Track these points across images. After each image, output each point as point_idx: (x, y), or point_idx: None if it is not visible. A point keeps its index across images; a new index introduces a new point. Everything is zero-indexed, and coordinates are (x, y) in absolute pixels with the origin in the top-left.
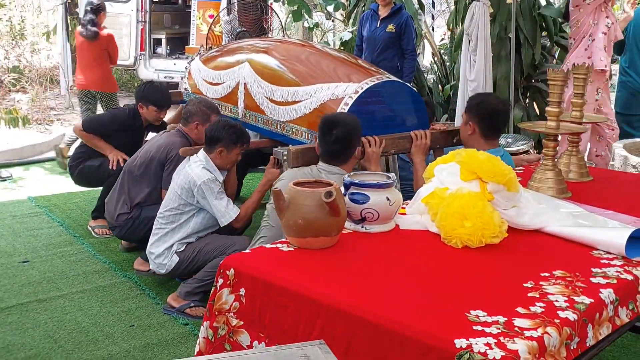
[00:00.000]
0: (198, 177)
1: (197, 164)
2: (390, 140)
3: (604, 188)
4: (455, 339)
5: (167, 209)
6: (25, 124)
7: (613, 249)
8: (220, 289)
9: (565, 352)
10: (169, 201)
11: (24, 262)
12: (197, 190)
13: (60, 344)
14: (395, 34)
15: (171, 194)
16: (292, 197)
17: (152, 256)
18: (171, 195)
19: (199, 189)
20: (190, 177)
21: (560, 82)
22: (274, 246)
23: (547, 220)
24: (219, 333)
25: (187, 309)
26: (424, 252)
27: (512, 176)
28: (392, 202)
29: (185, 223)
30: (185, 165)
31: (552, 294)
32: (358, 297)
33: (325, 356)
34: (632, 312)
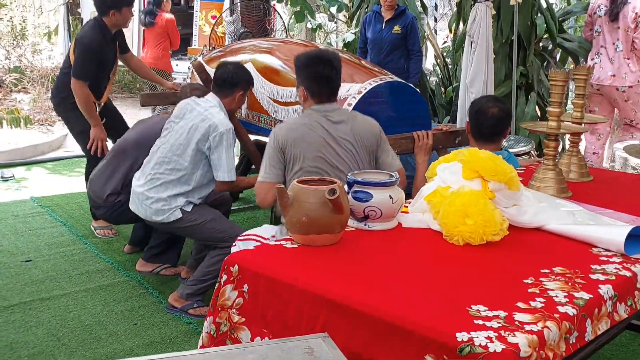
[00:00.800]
0: (221, 124)
1: (215, 108)
2: (393, 140)
3: (604, 188)
4: (457, 332)
5: (176, 153)
6: (27, 124)
7: (612, 247)
8: (224, 284)
9: (565, 346)
10: (176, 145)
11: (27, 261)
12: (215, 137)
13: (63, 342)
14: (401, 35)
15: (179, 136)
16: (296, 194)
17: (149, 201)
18: (179, 137)
19: (219, 136)
20: (212, 122)
21: (562, 83)
22: (278, 243)
23: (547, 218)
24: (221, 329)
25: (190, 309)
26: (426, 249)
27: (514, 175)
28: (395, 201)
29: (191, 174)
30: (194, 106)
31: (551, 289)
32: (361, 293)
33: (328, 349)
34: (631, 308)
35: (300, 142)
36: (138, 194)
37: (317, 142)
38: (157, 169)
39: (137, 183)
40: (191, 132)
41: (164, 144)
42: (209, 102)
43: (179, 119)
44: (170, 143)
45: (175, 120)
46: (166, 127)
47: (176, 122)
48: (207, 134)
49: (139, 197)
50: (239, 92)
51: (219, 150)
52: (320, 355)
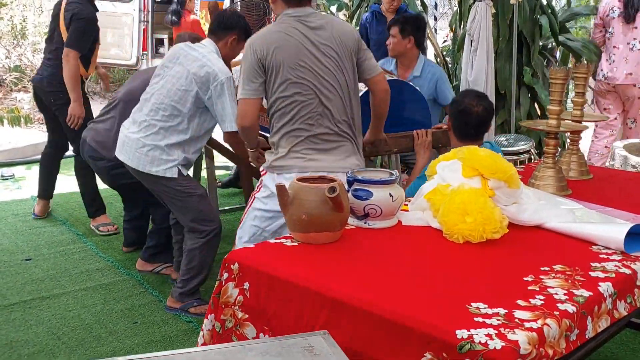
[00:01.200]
0: (221, 72)
1: (212, 54)
2: (393, 139)
3: (604, 186)
4: (457, 330)
5: (173, 99)
6: (27, 123)
7: (612, 244)
8: (225, 282)
9: (565, 344)
10: (174, 90)
11: (27, 260)
12: (217, 86)
13: (63, 341)
14: None
15: (175, 81)
16: (296, 192)
17: (146, 148)
18: (176, 82)
19: (220, 86)
20: (212, 69)
21: (561, 81)
22: (278, 241)
23: (547, 216)
24: (226, 325)
25: (191, 307)
26: (426, 247)
27: (513, 173)
28: (395, 199)
29: (189, 122)
30: (189, 51)
31: (551, 287)
32: (361, 290)
33: (329, 346)
34: (630, 306)
35: (280, 50)
36: (132, 141)
37: (297, 49)
38: (153, 116)
39: (129, 130)
40: (189, 79)
41: (159, 90)
42: (205, 47)
43: (173, 63)
44: (166, 89)
45: (168, 65)
46: (158, 74)
47: (170, 66)
48: (207, 83)
49: (133, 144)
50: (232, 37)
51: (222, 100)
52: (320, 353)
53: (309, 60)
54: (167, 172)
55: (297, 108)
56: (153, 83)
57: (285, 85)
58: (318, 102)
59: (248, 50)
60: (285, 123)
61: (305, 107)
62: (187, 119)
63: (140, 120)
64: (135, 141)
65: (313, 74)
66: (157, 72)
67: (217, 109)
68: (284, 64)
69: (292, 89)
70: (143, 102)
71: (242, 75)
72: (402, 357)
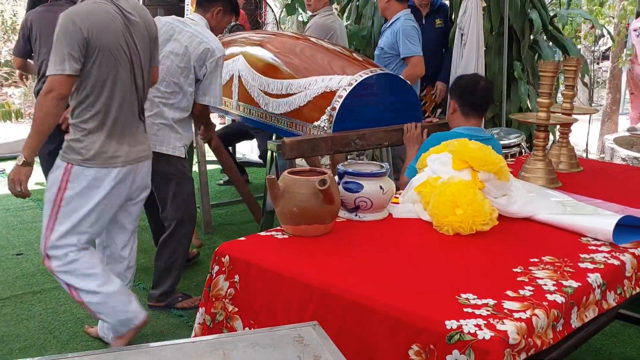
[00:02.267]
0: (217, 49)
1: (206, 31)
2: (384, 132)
3: (594, 178)
4: (446, 320)
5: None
6: (18, 117)
7: (601, 236)
8: (216, 275)
9: (552, 334)
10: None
11: (18, 254)
12: (212, 62)
13: (55, 335)
14: (443, 28)
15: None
16: (287, 185)
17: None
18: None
19: (215, 62)
20: (210, 46)
21: (551, 74)
22: (269, 234)
23: (537, 208)
24: (216, 319)
25: (177, 303)
26: (416, 239)
27: (503, 165)
28: (385, 191)
29: (188, 100)
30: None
31: (540, 278)
32: (351, 282)
33: (319, 337)
34: (620, 297)
35: (104, 34)
36: None
37: (117, 38)
38: (154, 93)
39: None
40: (187, 56)
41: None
42: (196, 23)
43: (167, 40)
44: (166, 65)
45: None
46: None
47: (163, 43)
48: (204, 59)
49: None
50: (217, 8)
51: (214, 75)
52: (310, 343)
53: (127, 52)
54: (175, 151)
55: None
56: None
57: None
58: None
59: (72, 23)
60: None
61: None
62: (188, 96)
63: None
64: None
65: (123, 68)
66: None
67: (205, 82)
68: (103, 51)
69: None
70: None
71: (62, 47)
72: (391, 348)
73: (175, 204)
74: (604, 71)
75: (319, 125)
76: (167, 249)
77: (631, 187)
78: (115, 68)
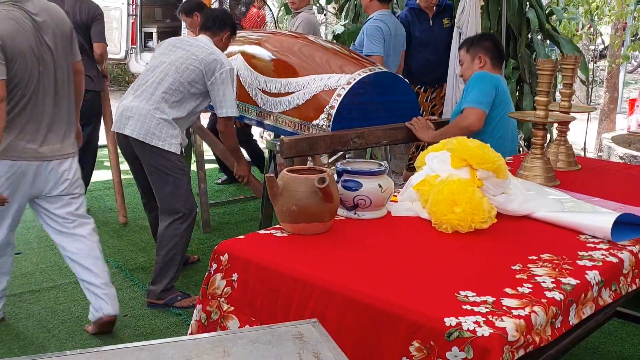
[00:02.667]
0: (227, 62)
1: (215, 47)
2: (382, 131)
3: (592, 176)
4: (445, 317)
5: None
6: None
7: (599, 234)
8: (213, 273)
9: (550, 331)
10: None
11: (17, 254)
12: (222, 73)
13: (54, 334)
14: (451, 28)
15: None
16: (286, 183)
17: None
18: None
19: (226, 73)
20: (219, 58)
21: (549, 72)
22: (268, 232)
23: (535, 206)
24: (211, 317)
25: (176, 302)
26: (415, 237)
27: (501, 163)
28: (384, 189)
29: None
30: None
31: (539, 275)
32: (350, 279)
33: (318, 334)
34: (615, 293)
35: (15, 39)
36: (141, 113)
37: (28, 41)
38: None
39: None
40: (197, 61)
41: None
42: (203, 42)
43: (173, 50)
44: (175, 66)
45: (167, 53)
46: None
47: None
48: (213, 69)
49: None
50: (226, 33)
51: (225, 87)
52: (309, 340)
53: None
54: (172, 147)
55: None
56: (154, 67)
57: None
58: None
59: None
60: None
61: None
62: (188, 97)
63: (146, 94)
64: (144, 114)
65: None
66: (152, 63)
67: (219, 94)
68: (19, 59)
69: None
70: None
71: None
72: (390, 345)
73: (174, 198)
74: (601, 70)
75: (317, 124)
76: (166, 245)
77: (629, 185)
78: (33, 69)
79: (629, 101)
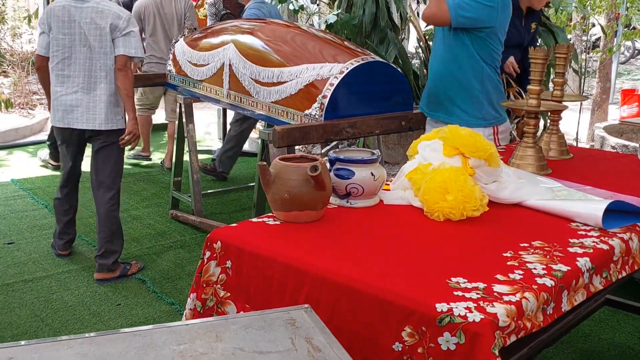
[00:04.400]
0: (121, 11)
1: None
2: (375, 120)
3: (583, 165)
4: (437, 303)
5: (101, 53)
6: (7, 107)
7: (590, 221)
8: (207, 261)
9: (542, 317)
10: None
11: (9, 243)
12: (124, 22)
13: (47, 323)
14: (535, 33)
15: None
16: (278, 171)
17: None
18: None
19: (126, 21)
20: (113, 11)
21: (542, 61)
22: (261, 220)
23: (527, 194)
24: (207, 304)
25: (128, 271)
26: (407, 225)
27: (493, 151)
28: (377, 178)
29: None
30: (79, 5)
31: (530, 262)
32: (342, 266)
33: (311, 320)
34: (606, 280)
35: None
36: (85, 100)
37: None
38: (92, 71)
39: (74, 94)
40: (105, 29)
41: (79, 50)
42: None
43: (71, 26)
44: (99, 41)
45: (67, 27)
46: (64, 38)
47: (70, 30)
48: (115, 25)
49: (87, 104)
50: None
51: (129, 30)
52: (302, 326)
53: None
54: (118, 124)
55: None
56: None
57: None
58: None
59: None
60: None
61: None
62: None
63: (72, 78)
64: (88, 102)
65: None
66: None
67: (124, 38)
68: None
69: None
70: (65, 65)
71: None
72: (382, 330)
73: (116, 171)
74: (594, 61)
75: (310, 114)
76: (113, 216)
77: (620, 174)
78: None
79: (622, 92)
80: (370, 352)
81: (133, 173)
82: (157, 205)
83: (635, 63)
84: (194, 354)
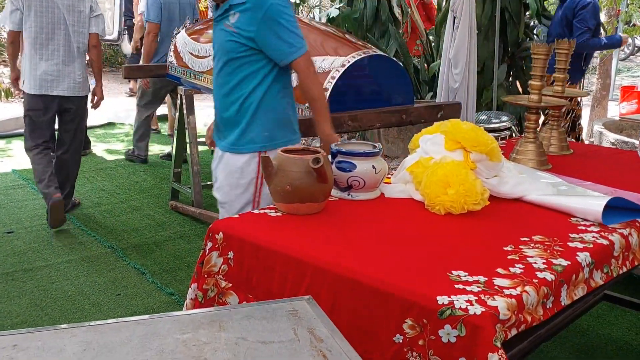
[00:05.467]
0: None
1: None
2: (376, 114)
3: (583, 161)
4: (438, 296)
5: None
6: (7, 96)
7: (590, 217)
8: (209, 252)
9: (542, 311)
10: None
11: (9, 232)
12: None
13: (46, 312)
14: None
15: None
16: (280, 163)
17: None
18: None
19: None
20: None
21: (543, 56)
22: (262, 212)
23: (527, 189)
24: (208, 295)
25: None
26: (408, 218)
27: (495, 146)
28: (378, 171)
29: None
30: None
31: (531, 256)
32: (344, 258)
33: (313, 310)
34: (607, 275)
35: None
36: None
37: None
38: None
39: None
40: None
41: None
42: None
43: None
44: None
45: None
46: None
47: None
48: (91, 7)
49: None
50: None
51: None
52: (304, 317)
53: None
54: (87, 91)
55: None
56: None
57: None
58: None
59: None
60: None
61: None
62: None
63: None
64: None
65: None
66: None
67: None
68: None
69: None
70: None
71: None
72: (383, 322)
73: (81, 129)
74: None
75: None
76: (76, 165)
77: (620, 170)
78: None
79: (621, 88)
80: (370, 344)
81: (133, 164)
82: (157, 197)
83: (635, 60)
84: (197, 343)
